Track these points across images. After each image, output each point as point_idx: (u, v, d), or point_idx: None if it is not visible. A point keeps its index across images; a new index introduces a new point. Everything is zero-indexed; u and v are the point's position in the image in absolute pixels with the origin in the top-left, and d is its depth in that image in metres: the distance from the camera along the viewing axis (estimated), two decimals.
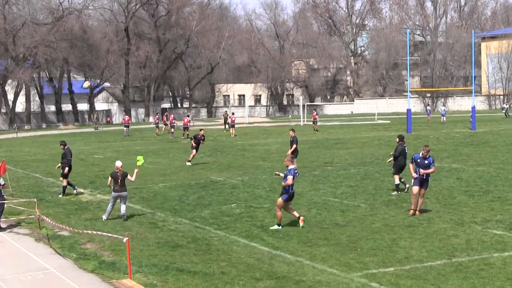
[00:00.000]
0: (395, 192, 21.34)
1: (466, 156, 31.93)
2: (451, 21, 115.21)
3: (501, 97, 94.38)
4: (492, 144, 37.92)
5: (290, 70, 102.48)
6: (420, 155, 17.64)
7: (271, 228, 16.22)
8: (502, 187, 21.99)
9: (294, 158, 24.71)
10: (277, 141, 45.23)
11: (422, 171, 17.42)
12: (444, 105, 78.96)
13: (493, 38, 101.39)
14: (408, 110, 51.70)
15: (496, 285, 11.36)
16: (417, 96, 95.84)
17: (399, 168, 21.54)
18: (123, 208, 17.81)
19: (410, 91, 59.93)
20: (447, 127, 55.63)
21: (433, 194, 20.82)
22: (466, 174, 25.48)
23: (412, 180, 17.72)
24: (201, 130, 32.89)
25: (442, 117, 62.88)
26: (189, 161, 31.22)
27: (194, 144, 31.40)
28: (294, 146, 27.70)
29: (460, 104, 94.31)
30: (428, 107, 73.16)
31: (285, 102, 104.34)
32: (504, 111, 67.54)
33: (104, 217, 17.97)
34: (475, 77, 78.55)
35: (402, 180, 21.61)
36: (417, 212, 17.45)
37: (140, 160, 18.59)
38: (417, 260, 13.10)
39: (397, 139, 22.29)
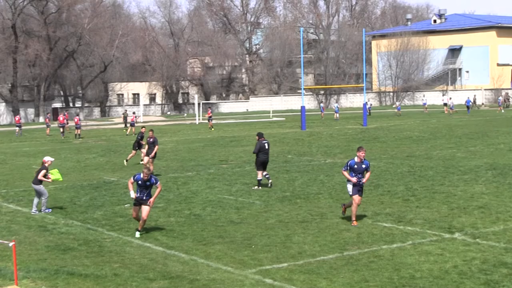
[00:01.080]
0: (256, 187, 21.93)
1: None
2: (343, 19, 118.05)
3: (391, 93, 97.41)
4: (382, 140, 39.06)
5: (185, 68, 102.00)
6: (356, 159, 16.10)
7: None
8: (392, 181, 22.66)
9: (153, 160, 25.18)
10: (172, 139, 44.90)
11: (366, 177, 16.14)
12: (337, 102, 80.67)
13: (383, 36, 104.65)
14: (302, 107, 52.51)
15: (384, 276, 11.66)
16: (311, 93, 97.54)
17: (260, 164, 22.07)
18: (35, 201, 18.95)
19: (304, 88, 60.91)
20: (340, 123, 56.90)
21: (326, 190, 21.20)
22: None
23: (351, 188, 16.00)
24: (143, 127, 32.09)
25: (335, 113, 64.26)
26: (127, 160, 30.43)
27: (137, 144, 30.22)
28: (157, 147, 26.80)
29: (352, 101, 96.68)
30: (322, 104, 74.64)
31: (180, 101, 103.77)
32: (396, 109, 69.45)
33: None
34: (366, 74, 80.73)
35: (267, 175, 22.09)
36: (355, 222, 15.80)
37: (54, 174, 18.68)
38: (310, 255, 13.28)
39: (257, 137, 22.69)
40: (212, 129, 54.48)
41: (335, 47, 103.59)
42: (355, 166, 16.08)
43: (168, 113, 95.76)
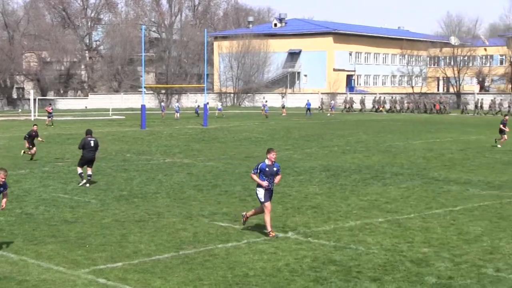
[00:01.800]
0: (82, 182, 21.84)
1: (197, 152, 32.89)
2: (186, 19, 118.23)
3: (232, 94, 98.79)
4: (222, 140, 39.52)
5: (20, 62, 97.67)
6: (267, 162, 14.87)
7: None
8: (229, 181, 22.96)
9: None
10: (5, 136, 42.87)
11: (276, 179, 14.95)
12: (178, 102, 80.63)
13: (224, 38, 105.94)
14: (143, 106, 52.01)
15: (219, 275, 11.78)
16: (152, 92, 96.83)
17: (83, 160, 22.19)
18: None
19: (145, 87, 60.41)
20: (180, 123, 56.95)
21: (164, 189, 21.12)
22: (197, 169, 26.23)
23: (262, 194, 14.63)
24: (34, 125, 30.48)
25: (176, 113, 64.24)
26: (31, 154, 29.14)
27: (27, 144, 28.96)
28: None
29: (193, 101, 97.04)
30: (163, 103, 74.31)
31: (14, 96, 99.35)
32: (219, 110, 68.99)
33: None
34: (207, 75, 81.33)
35: (89, 177, 21.99)
36: (272, 233, 14.62)
37: None
38: (146, 254, 13.16)
39: (86, 134, 22.76)
40: (52, 125, 52.87)
41: (177, 46, 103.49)
42: (267, 169, 14.78)
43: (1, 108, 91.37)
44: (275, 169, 14.93)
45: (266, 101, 75.78)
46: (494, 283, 11.30)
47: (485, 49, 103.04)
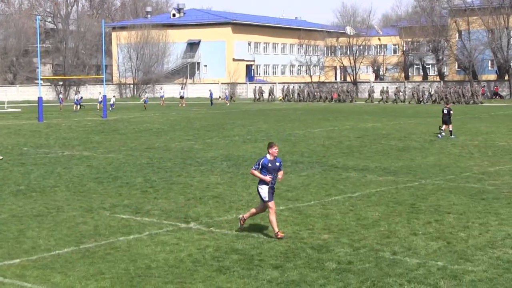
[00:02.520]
0: None
1: (97, 144, 32.32)
2: (82, 9, 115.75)
3: (131, 86, 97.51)
4: (122, 132, 38.98)
5: None
6: (269, 157, 13.80)
7: None
8: (130, 172, 22.71)
9: None
10: None
11: (280, 175, 13.94)
12: (76, 93, 78.80)
13: (123, 28, 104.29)
14: (40, 98, 50.57)
15: (121, 268, 11.64)
16: (49, 84, 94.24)
17: None
18: None
19: (41, 78, 58.78)
20: (79, 115, 55.76)
21: (63, 183, 20.66)
22: (97, 161, 25.79)
23: (266, 192, 13.64)
24: None
25: (74, 105, 62.82)
26: None
27: None
28: None
29: (92, 92, 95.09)
30: (61, 95, 72.54)
31: None
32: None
33: None
34: (106, 66, 79.96)
35: None
36: (281, 233, 13.65)
37: None
38: (45, 250, 12.84)
39: None
40: None
41: (74, 37, 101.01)
42: (269, 165, 13.69)
43: None
44: (277, 164, 13.88)
45: (163, 91, 75.45)
46: (391, 266, 11.68)
47: (379, 39, 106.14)
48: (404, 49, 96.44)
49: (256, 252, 12.62)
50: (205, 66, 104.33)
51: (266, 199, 13.71)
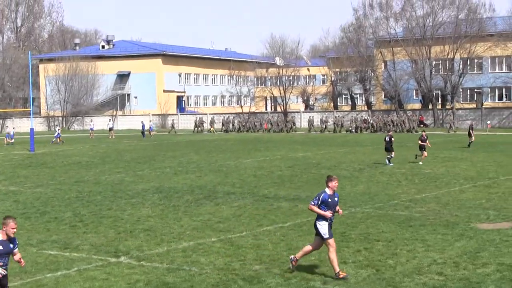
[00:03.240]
0: None
1: (24, 178, 31.60)
2: (8, 41, 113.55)
3: (60, 118, 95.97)
4: (50, 165, 38.23)
5: None
6: (328, 191, 12.97)
7: None
8: (59, 207, 22.27)
9: None
10: None
11: (340, 211, 13.30)
12: (8, 127, 76.71)
13: (50, 60, 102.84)
14: None
15: None
16: None
17: None
18: None
19: None
20: (6, 149, 54.45)
21: None
22: (24, 196, 25.20)
23: (326, 229, 12.91)
24: None
25: (5, 139, 61.30)
26: None
27: None
28: None
29: (19, 125, 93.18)
30: None
31: None
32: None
33: None
34: (33, 98, 78.48)
35: None
36: (343, 273, 12.91)
37: None
38: None
39: None
40: None
41: (0, 69, 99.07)
42: (329, 200, 12.90)
43: None
44: (336, 199, 13.09)
45: (93, 124, 74.52)
46: None
47: (308, 69, 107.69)
48: (333, 79, 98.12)
49: (187, 285, 12.54)
50: (135, 97, 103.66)
51: (326, 236, 12.87)
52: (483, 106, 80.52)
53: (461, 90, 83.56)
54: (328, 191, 12.96)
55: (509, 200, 22.05)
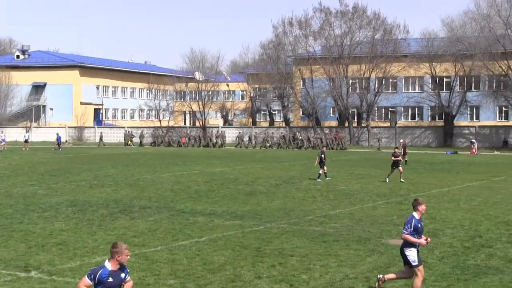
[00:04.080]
0: None
1: None
2: None
3: None
4: None
5: None
6: (417, 216, 12.34)
7: None
8: None
9: None
10: None
11: (429, 239, 12.70)
12: None
13: None
14: None
15: None
16: None
17: None
18: None
19: None
20: None
21: None
22: None
23: (415, 256, 12.34)
24: None
25: None
26: None
27: None
28: None
29: None
30: None
31: None
32: None
33: None
34: None
35: None
36: None
37: None
38: None
39: None
40: None
41: None
42: (419, 226, 12.28)
43: None
44: (422, 223, 12.49)
45: (4, 135, 72.49)
46: None
47: (228, 85, 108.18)
48: (252, 95, 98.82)
49: None
50: (51, 109, 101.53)
51: (416, 263, 12.31)
52: (396, 125, 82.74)
53: (376, 108, 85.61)
54: (417, 215, 12.33)
55: None
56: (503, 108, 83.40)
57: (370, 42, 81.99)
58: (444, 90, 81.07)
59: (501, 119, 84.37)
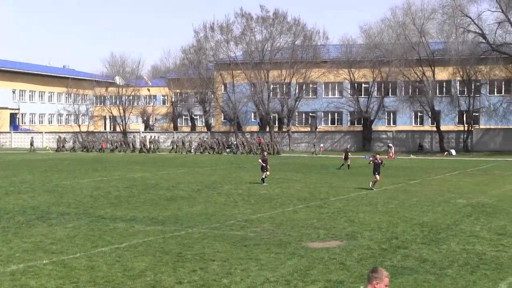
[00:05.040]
0: None
1: None
2: None
3: None
4: None
5: None
6: None
7: None
8: None
9: None
10: None
11: None
12: None
13: None
14: None
15: None
16: None
17: None
18: None
19: None
20: None
21: None
22: None
23: None
24: None
25: None
26: None
27: None
28: None
29: None
30: None
31: None
32: None
33: None
34: None
35: None
36: None
37: None
38: None
39: None
40: None
41: None
42: None
43: None
44: None
45: None
46: None
47: (149, 90, 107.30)
48: (173, 100, 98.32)
49: None
50: None
51: None
52: (317, 130, 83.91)
53: (297, 113, 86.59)
54: None
55: (338, 219, 23.10)
56: (419, 113, 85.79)
57: (290, 47, 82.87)
58: (363, 96, 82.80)
59: (417, 124, 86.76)
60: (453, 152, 70.81)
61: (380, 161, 34.24)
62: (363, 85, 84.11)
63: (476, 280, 14.50)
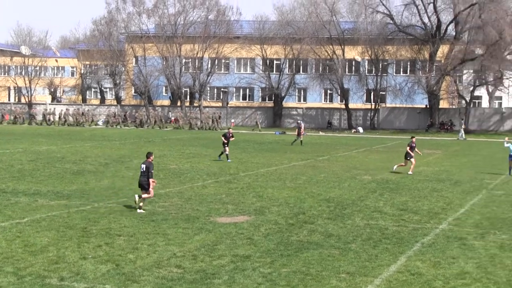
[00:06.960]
0: None
1: None
2: None
3: None
4: None
5: None
6: None
7: None
8: None
9: None
10: None
11: None
12: None
13: None
14: None
15: None
16: None
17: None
18: None
19: None
20: None
21: None
22: None
23: None
24: None
25: None
26: None
27: None
28: None
29: None
30: None
31: None
32: None
33: None
34: None
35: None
36: None
37: None
38: None
39: None
40: None
41: None
42: None
43: None
44: None
45: None
46: None
47: (57, 61, 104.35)
48: (82, 72, 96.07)
49: None
50: None
51: None
52: (228, 105, 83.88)
53: (208, 88, 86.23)
54: None
55: (247, 195, 23.17)
56: (328, 91, 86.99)
57: (203, 22, 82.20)
58: (274, 72, 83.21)
59: (326, 101, 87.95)
60: (361, 129, 72.34)
61: (414, 144, 31.52)
62: (275, 62, 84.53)
63: (378, 254, 14.85)
